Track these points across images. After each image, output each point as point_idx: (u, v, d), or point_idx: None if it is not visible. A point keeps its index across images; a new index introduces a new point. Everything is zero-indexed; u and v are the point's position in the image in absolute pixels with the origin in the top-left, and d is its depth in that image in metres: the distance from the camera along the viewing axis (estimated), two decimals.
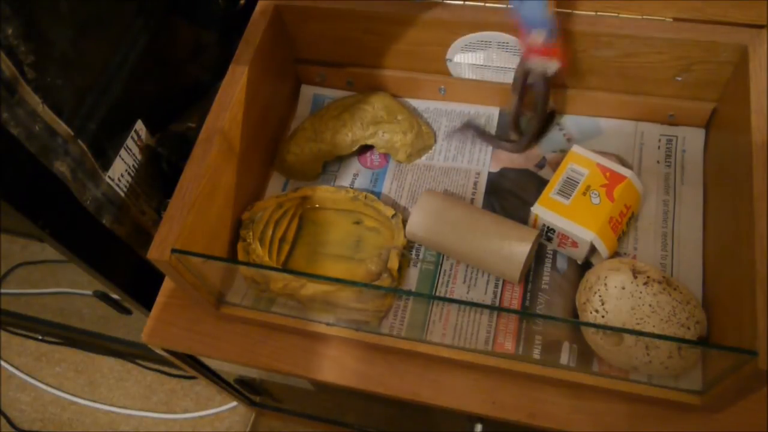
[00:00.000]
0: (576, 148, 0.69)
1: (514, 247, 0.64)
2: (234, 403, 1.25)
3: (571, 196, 0.66)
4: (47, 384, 1.34)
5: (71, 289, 0.95)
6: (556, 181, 0.67)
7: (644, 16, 0.66)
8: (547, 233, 0.67)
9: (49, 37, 0.61)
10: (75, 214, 0.70)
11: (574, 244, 0.65)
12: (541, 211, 0.66)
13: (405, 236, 0.69)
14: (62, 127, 0.64)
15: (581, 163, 0.67)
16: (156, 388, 1.31)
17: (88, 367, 1.35)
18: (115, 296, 0.87)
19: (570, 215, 0.65)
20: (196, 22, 0.83)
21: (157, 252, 0.59)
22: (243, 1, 0.84)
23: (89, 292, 0.90)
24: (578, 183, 0.66)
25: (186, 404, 1.29)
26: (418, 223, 0.68)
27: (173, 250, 0.59)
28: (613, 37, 0.67)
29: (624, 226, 0.67)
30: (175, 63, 0.81)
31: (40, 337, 1.35)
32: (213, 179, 0.65)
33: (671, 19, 0.66)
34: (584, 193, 0.66)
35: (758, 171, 0.56)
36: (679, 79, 0.69)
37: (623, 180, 0.66)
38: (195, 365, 0.82)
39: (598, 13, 0.67)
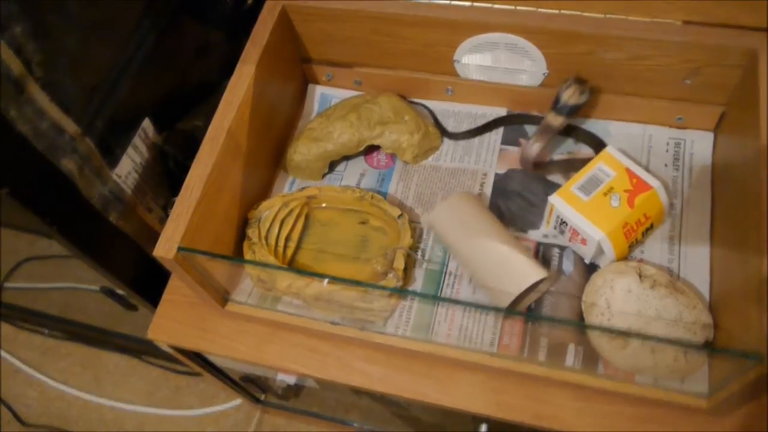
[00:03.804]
0: (610, 149, 0.68)
1: (506, 288, 0.62)
2: (239, 401, 1.25)
3: (591, 193, 0.65)
4: (53, 379, 1.35)
5: (78, 284, 0.96)
6: (581, 177, 0.67)
7: (653, 19, 0.66)
8: (560, 225, 0.67)
9: (57, 35, 0.61)
10: (82, 211, 0.70)
11: (584, 241, 0.65)
12: (557, 201, 0.66)
13: (411, 236, 0.69)
14: (70, 124, 0.64)
15: (611, 164, 0.67)
16: (161, 384, 1.32)
17: (93, 363, 1.36)
18: (121, 292, 0.87)
19: (585, 211, 0.65)
20: (204, 21, 0.83)
21: (164, 250, 0.59)
22: (251, 0, 0.84)
23: (96, 288, 0.90)
24: (602, 183, 0.66)
25: (191, 401, 1.29)
26: (440, 216, 0.68)
27: (180, 248, 0.59)
28: (621, 39, 0.66)
29: (639, 235, 0.66)
30: (182, 62, 0.81)
31: (46, 332, 1.36)
32: (219, 178, 0.65)
33: (680, 22, 0.66)
34: (605, 194, 0.65)
35: (767, 175, 0.56)
36: (688, 82, 0.69)
37: (648, 189, 0.65)
38: (200, 362, 0.83)
39: (607, 16, 0.67)
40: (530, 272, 0.63)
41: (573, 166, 0.72)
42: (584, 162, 0.70)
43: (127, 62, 0.71)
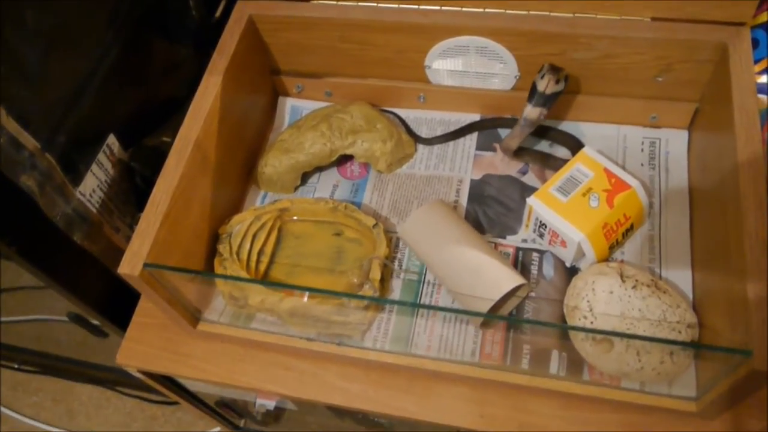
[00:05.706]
0: (587, 150, 0.67)
1: (483, 294, 0.61)
2: (217, 428, 1.22)
3: (570, 194, 0.64)
4: (24, 414, 1.31)
5: (48, 315, 0.93)
6: (559, 178, 0.66)
7: (623, 17, 0.66)
8: (539, 227, 0.66)
9: (15, 48, 0.59)
10: (44, 231, 0.67)
11: (563, 243, 0.64)
12: (536, 203, 0.65)
13: (387, 246, 0.67)
14: (28, 139, 0.62)
15: (589, 164, 0.66)
16: (136, 415, 1.28)
17: (66, 396, 1.32)
18: (89, 318, 0.84)
19: (564, 213, 0.63)
20: (170, 34, 0.81)
21: (129, 266, 0.57)
22: (218, 13, 0.83)
23: (66, 318, 0.87)
24: (580, 183, 0.65)
25: (167, 431, 1.26)
26: (410, 231, 0.66)
27: (146, 265, 0.57)
28: (591, 38, 0.66)
29: (619, 236, 0.65)
30: (148, 76, 0.79)
31: (16, 366, 1.32)
32: (187, 191, 0.63)
33: (650, 19, 0.65)
34: (584, 194, 0.64)
35: (744, 169, 0.55)
36: (660, 79, 0.68)
37: (627, 189, 0.64)
38: (173, 388, 0.79)
39: (576, 15, 0.67)
40: (505, 280, 0.61)
41: (553, 162, 0.72)
42: (562, 159, 0.69)
43: (90, 76, 0.69)
